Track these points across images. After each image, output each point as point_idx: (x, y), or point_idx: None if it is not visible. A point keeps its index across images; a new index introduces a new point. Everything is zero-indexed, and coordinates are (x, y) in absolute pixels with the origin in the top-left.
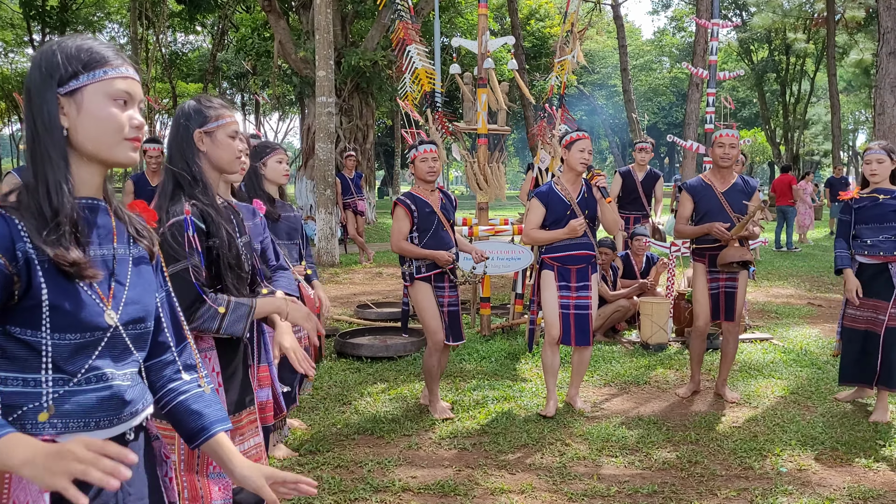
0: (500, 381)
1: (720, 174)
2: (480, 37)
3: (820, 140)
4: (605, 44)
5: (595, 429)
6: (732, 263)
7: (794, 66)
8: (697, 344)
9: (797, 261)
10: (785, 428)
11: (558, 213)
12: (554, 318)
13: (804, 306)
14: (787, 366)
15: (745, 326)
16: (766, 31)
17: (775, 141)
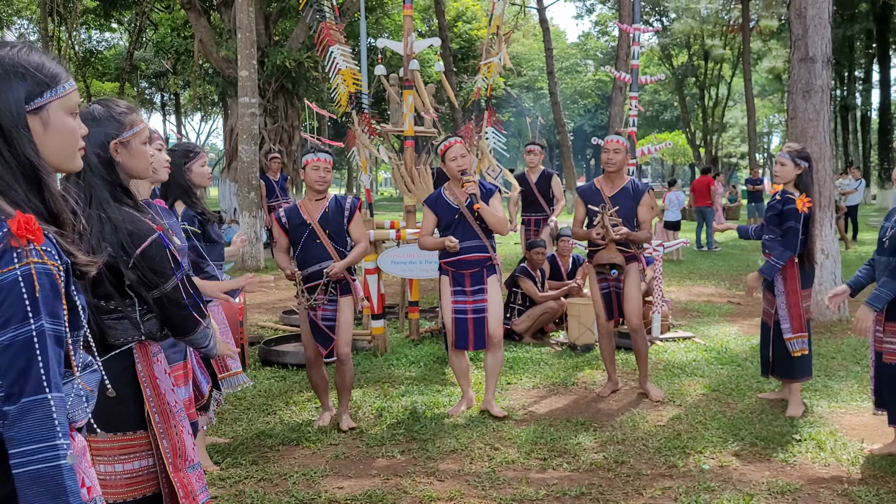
0: (429, 387)
1: (610, 179)
2: (406, 38)
3: (737, 142)
4: (531, 47)
5: (524, 432)
6: (605, 265)
7: (712, 71)
8: (605, 343)
9: (717, 260)
10: (707, 425)
11: (448, 219)
12: (450, 324)
13: (724, 304)
14: (709, 363)
15: (669, 325)
16: (686, 37)
17: (695, 143)
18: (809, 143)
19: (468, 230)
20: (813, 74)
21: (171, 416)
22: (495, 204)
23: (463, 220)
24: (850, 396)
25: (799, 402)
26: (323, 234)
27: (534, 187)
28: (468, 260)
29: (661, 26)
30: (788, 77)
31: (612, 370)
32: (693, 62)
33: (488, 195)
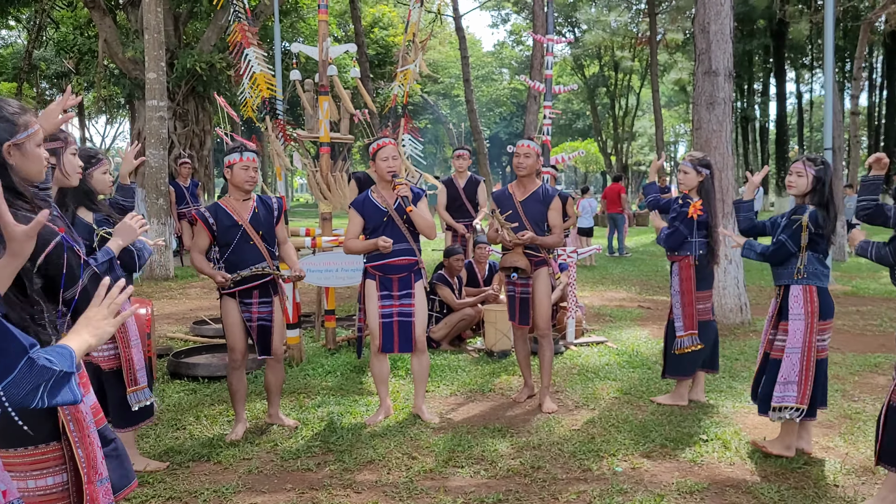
0: (345, 396)
1: (521, 183)
2: (321, 43)
3: (646, 151)
4: (447, 54)
5: (441, 440)
6: (509, 268)
7: (621, 81)
8: (520, 347)
9: (628, 265)
10: (619, 428)
11: (375, 222)
12: (376, 328)
13: (635, 309)
14: (621, 367)
15: (583, 330)
16: (597, 49)
17: (607, 152)
18: (713, 152)
19: (396, 233)
20: (716, 87)
21: (84, 424)
22: (423, 208)
23: (391, 223)
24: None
25: (678, 395)
26: (256, 235)
27: (461, 192)
28: (396, 264)
29: (574, 38)
30: (693, 89)
31: (527, 375)
32: (604, 73)
33: (416, 199)
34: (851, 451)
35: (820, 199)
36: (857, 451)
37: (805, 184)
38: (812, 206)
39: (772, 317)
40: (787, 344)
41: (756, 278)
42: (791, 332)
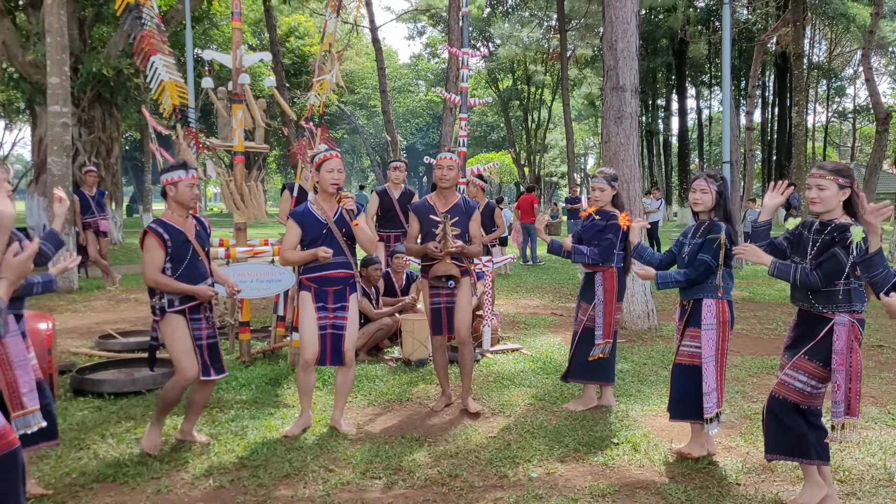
0: (261, 410)
1: (443, 195)
2: (235, 51)
3: (558, 163)
4: (364, 65)
5: (359, 451)
6: (441, 277)
7: (534, 95)
8: (438, 356)
9: (542, 274)
10: (535, 434)
11: (314, 234)
12: (310, 340)
13: (548, 316)
14: (535, 374)
15: (498, 338)
16: (511, 63)
17: (520, 163)
18: (621, 165)
19: (335, 246)
20: (623, 102)
21: None
22: (362, 222)
23: (330, 236)
24: (660, 399)
25: (587, 399)
26: (203, 252)
27: (396, 203)
28: (332, 276)
29: (488, 51)
30: (602, 104)
31: (445, 384)
32: (517, 86)
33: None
34: (752, 451)
35: (724, 213)
36: (756, 451)
37: (710, 200)
38: (721, 222)
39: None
40: (704, 354)
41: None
42: (705, 341)
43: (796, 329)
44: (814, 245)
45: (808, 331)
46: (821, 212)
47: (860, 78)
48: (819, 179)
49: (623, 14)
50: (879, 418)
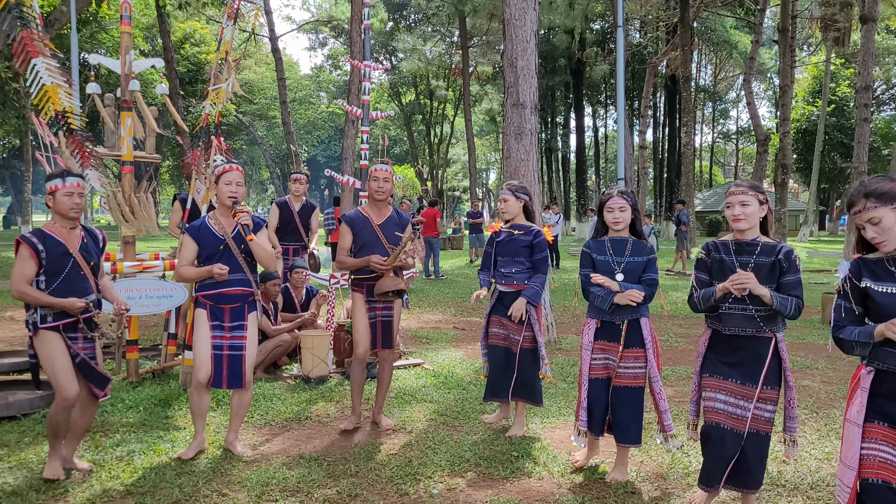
0: (149, 433)
1: (377, 207)
2: (124, 56)
3: (460, 177)
4: (264, 75)
5: (254, 474)
6: (388, 293)
7: (437, 109)
8: (358, 373)
9: (444, 288)
10: (436, 450)
11: (211, 249)
12: (203, 360)
13: (451, 330)
14: (437, 389)
15: (400, 353)
16: (413, 77)
17: (423, 177)
18: (521, 180)
19: (232, 262)
20: (523, 119)
21: None
22: (263, 238)
23: (228, 252)
24: (559, 411)
25: (522, 423)
26: (87, 265)
27: (296, 216)
28: (229, 294)
29: (391, 65)
30: (503, 120)
31: (358, 403)
32: (420, 101)
33: (257, 228)
34: (645, 459)
35: (638, 229)
36: (650, 459)
37: (628, 216)
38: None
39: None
40: (651, 373)
41: (560, 297)
42: (649, 360)
43: (730, 354)
44: (744, 267)
45: (752, 355)
46: (745, 228)
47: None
48: (741, 196)
49: (523, 33)
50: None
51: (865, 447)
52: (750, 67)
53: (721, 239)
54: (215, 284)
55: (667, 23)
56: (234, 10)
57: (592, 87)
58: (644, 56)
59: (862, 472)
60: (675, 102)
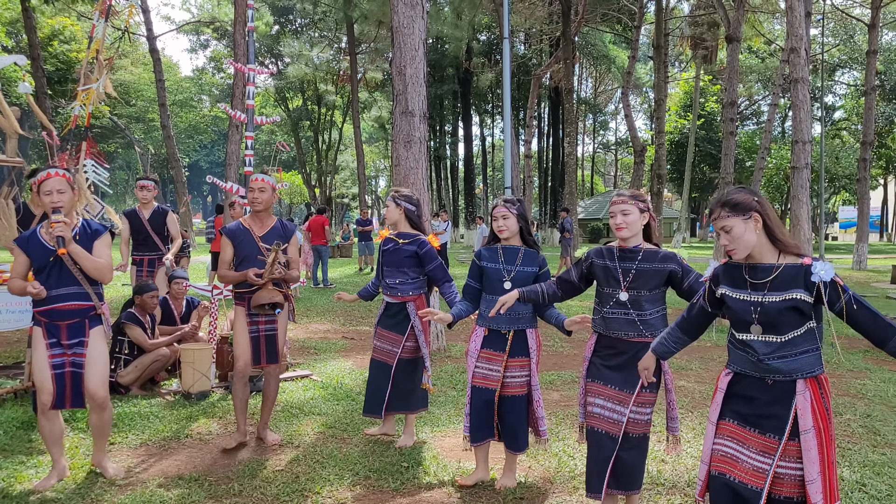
0: (9, 459)
1: (258, 218)
2: None
3: (349, 184)
4: (141, 76)
5: (128, 498)
6: (265, 305)
7: (325, 116)
8: (239, 388)
9: (332, 297)
10: (324, 464)
11: (40, 262)
12: (44, 381)
13: (340, 340)
14: (326, 401)
15: (287, 365)
16: (300, 82)
17: (311, 184)
18: (411, 188)
19: (65, 275)
20: (412, 127)
21: None
22: (100, 247)
23: (60, 264)
24: (449, 419)
25: (412, 433)
26: None
27: (146, 224)
28: (64, 309)
29: (277, 69)
30: (392, 127)
31: (242, 420)
32: (308, 106)
33: (94, 237)
34: (533, 464)
35: (526, 237)
36: (537, 464)
37: (514, 224)
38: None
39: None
40: (533, 382)
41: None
42: (533, 369)
43: (613, 358)
44: (627, 273)
45: (633, 359)
46: (627, 237)
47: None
48: (622, 205)
49: (412, 41)
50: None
51: (716, 443)
52: (627, 82)
53: (608, 245)
54: (49, 300)
55: (550, 36)
56: (106, 7)
57: (480, 96)
58: (529, 68)
59: (711, 466)
60: (558, 113)
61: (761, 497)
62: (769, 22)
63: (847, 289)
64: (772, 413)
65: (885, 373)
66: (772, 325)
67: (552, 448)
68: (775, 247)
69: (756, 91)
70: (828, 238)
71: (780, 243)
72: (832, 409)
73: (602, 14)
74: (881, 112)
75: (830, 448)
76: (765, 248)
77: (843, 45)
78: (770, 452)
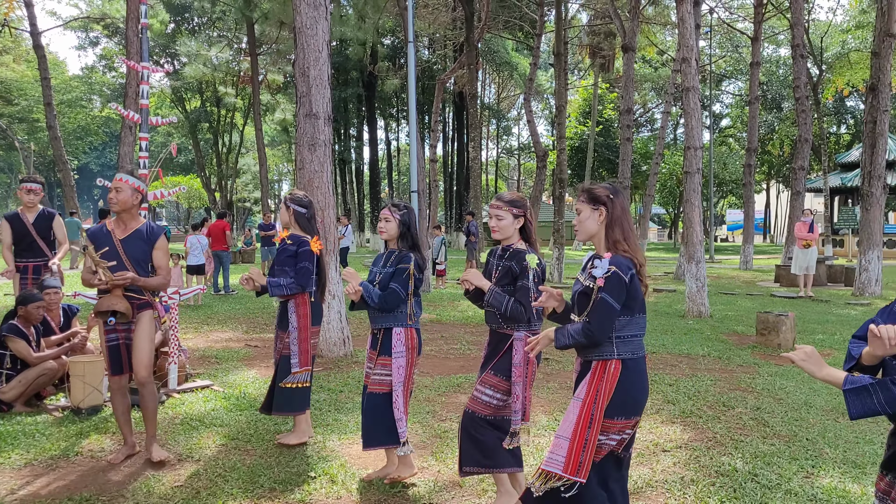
0: None
1: (121, 220)
2: None
3: (251, 188)
4: (24, 73)
5: None
6: (105, 312)
7: (225, 118)
8: (118, 399)
9: (234, 304)
10: (227, 477)
11: None
12: None
13: (242, 348)
14: (228, 412)
15: (187, 375)
16: (198, 83)
17: (210, 188)
18: (315, 191)
19: None
20: (317, 130)
21: None
22: None
23: None
24: (357, 427)
25: (301, 431)
26: None
27: (31, 228)
28: None
29: (173, 69)
30: (296, 130)
31: (127, 431)
32: (206, 108)
33: None
34: (443, 469)
35: (411, 242)
36: (447, 468)
37: (394, 228)
38: (410, 251)
39: (370, 354)
40: (394, 381)
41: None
42: (395, 368)
43: (487, 348)
44: (497, 269)
45: (495, 348)
46: (499, 239)
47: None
48: (496, 210)
49: (315, 42)
50: (549, 426)
51: None
52: (529, 88)
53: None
54: None
55: (454, 42)
56: None
57: (385, 100)
58: (434, 72)
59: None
60: (462, 118)
61: None
62: (661, 33)
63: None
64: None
65: (772, 367)
66: (578, 308)
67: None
68: (607, 242)
69: (650, 99)
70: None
71: (611, 241)
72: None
73: (504, 21)
74: (763, 120)
75: (585, 423)
76: (602, 242)
77: (728, 57)
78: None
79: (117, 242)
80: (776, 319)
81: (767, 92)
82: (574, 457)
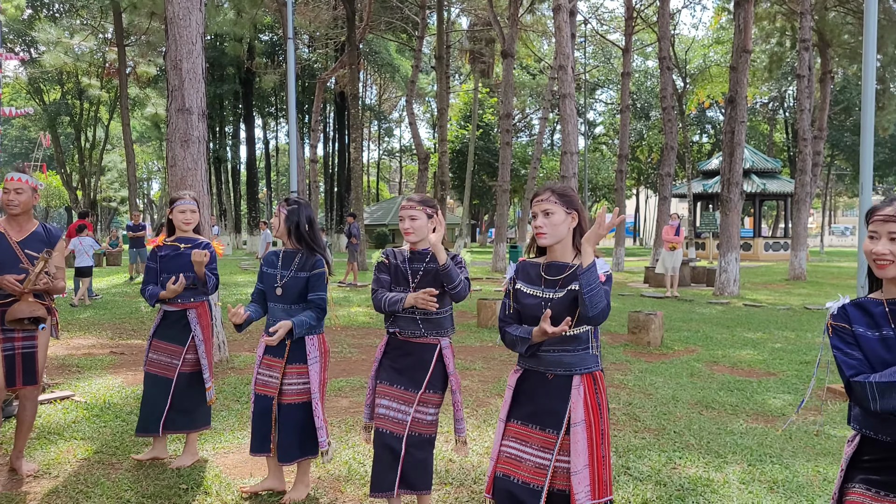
0: None
1: (17, 222)
2: None
3: (117, 187)
4: None
5: None
6: (24, 320)
7: (88, 111)
8: None
9: (98, 309)
10: (89, 493)
11: None
12: None
13: (107, 356)
14: (91, 423)
15: (45, 386)
16: (58, 73)
17: (72, 185)
18: (189, 190)
19: None
20: (190, 125)
21: None
22: None
23: None
24: (233, 435)
25: (193, 452)
26: None
27: None
28: None
29: (29, 56)
30: (167, 126)
31: None
32: (67, 100)
33: None
34: (323, 474)
35: (310, 240)
36: (327, 473)
37: (283, 225)
38: (313, 254)
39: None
40: (313, 389)
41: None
42: (312, 376)
43: (401, 359)
44: (416, 273)
45: (418, 360)
46: (414, 241)
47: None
48: (411, 210)
49: (188, 34)
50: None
51: (503, 444)
52: (411, 90)
53: (400, 248)
54: None
55: (335, 41)
56: None
57: (263, 98)
58: (314, 71)
59: (496, 466)
60: (344, 118)
61: (541, 495)
62: (539, 41)
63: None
64: (551, 408)
65: (642, 364)
66: (558, 321)
67: (342, 456)
68: (575, 248)
69: (528, 105)
70: None
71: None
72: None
73: (387, 22)
74: (633, 128)
75: (600, 443)
76: (568, 247)
77: (601, 67)
78: (549, 448)
79: (13, 244)
80: (646, 318)
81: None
82: (599, 480)
